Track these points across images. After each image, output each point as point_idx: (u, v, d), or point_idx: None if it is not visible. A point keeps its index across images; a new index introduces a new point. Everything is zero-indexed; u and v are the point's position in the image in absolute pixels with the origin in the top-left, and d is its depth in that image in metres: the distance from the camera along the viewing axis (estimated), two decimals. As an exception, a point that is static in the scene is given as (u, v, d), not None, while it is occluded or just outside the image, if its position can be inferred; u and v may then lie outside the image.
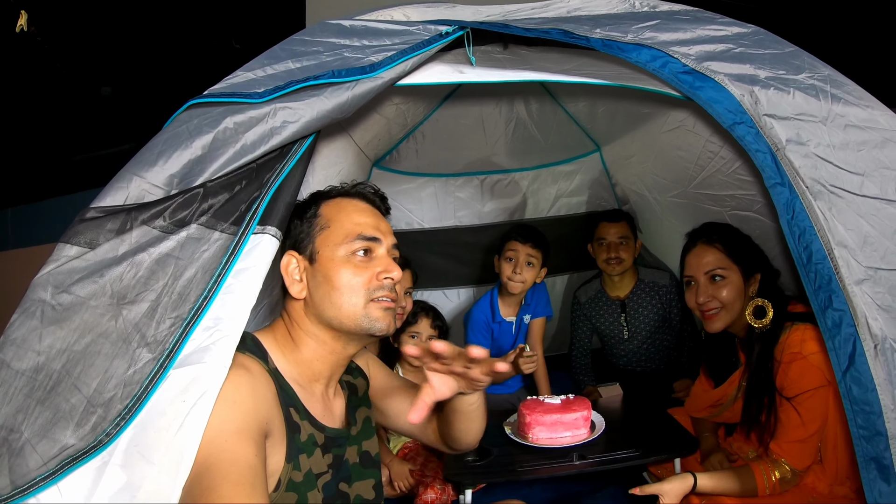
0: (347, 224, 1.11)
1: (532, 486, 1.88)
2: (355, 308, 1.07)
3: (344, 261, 1.08)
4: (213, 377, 0.88)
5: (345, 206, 1.15)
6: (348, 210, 1.14)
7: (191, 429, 0.84)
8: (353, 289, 1.07)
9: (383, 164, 2.69)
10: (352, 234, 1.10)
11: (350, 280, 1.07)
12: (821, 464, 1.44)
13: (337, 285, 1.07)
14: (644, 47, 1.15)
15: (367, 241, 1.10)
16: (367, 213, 1.15)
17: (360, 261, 1.09)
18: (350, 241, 1.09)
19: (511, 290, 2.33)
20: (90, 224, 0.93)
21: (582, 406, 1.74)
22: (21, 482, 0.81)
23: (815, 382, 1.35)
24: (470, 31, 1.25)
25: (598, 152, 2.87)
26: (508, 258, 2.32)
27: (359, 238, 1.09)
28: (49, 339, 0.87)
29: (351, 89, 1.10)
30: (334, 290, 1.07)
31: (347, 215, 1.13)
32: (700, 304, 1.58)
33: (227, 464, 0.84)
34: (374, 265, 1.10)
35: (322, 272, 1.08)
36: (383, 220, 1.18)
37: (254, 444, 0.88)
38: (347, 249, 1.09)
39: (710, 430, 1.81)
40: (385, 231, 1.15)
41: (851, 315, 0.99)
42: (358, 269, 1.08)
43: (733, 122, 1.09)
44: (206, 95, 1.07)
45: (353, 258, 1.09)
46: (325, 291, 1.08)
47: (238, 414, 0.90)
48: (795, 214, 1.03)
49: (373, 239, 1.11)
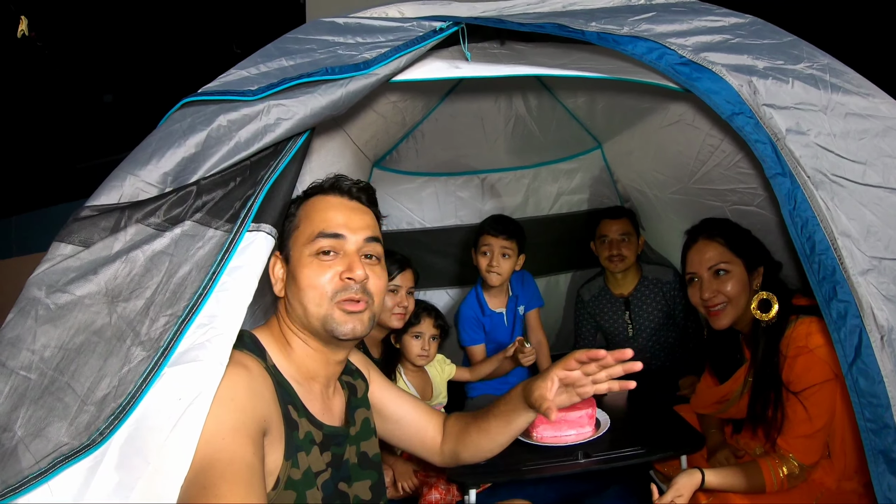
0: (314, 222, 1.09)
1: (537, 486, 1.87)
2: (318, 309, 1.06)
3: (308, 261, 1.07)
4: (209, 375, 0.87)
5: (317, 203, 1.13)
6: (318, 207, 1.12)
7: (187, 428, 0.83)
8: (315, 289, 1.06)
9: (383, 164, 2.69)
10: (315, 232, 1.08)
11: (311, 280, 1.06)
12: (828, 459, 1.42)
13: (301, 285, 1.06)
14: (640, 39, 1.14)
15: (330, 239, 1.08)
16: (338, 209, 1.12)
17: (325, 259, 1.07)
18: (313, 240, 1.07)
19: (490, 282, 2.34)
20: (84, 223, 0.93)
21: (586, 404, 1.71)
22: (13, 481, 0.80)
23: (821, 376, 1.33)
24: (465, 27, 1.24)
25: (599, 149, 2.86)
26: (483, 252, 2.33)
27: (320, 236, 1.07)
28: (43, 338, 0.87)
29: (345, 86, 1.09)
30: (300, 291, 1.06)
31: (317, 212, 1.11)
32: (705, 301, 1.56)
33: (224, 463, 0.83)
34: (336, 264, 1.07)
35: (292, 272, 1.09)
36: (358, 214, 1.13)
37: (251, 442, 0.88)
38: (311, 249, 1.07)
39: (716, 427, 1.79)
40: (356, 226, 1.11)
41: (857, 306, 0.97)
42: (320, 269, 1.06)
43: (732, 113, 1.07)
44: (200, 94, 1.07)
45: (317, 258, 1.07)
46: (293, 292, 1.08)
47: (235, 412, 0.89)
48: (797, 205, 1.01)
49: (335, 236, 1.08)
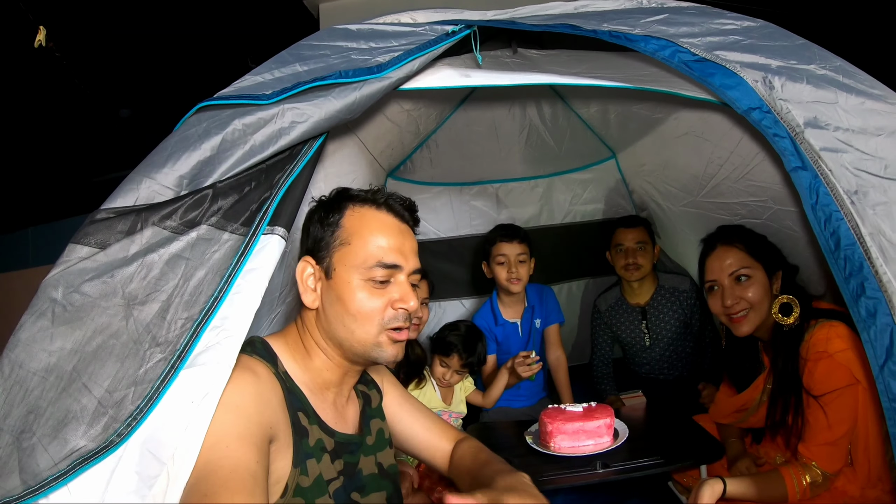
0: (370, 246, 1.04)
1: (555, 496, 1.82)
2: (367, 336, 1.04)
3: (361, 285, 1.04)
4: (216, 377, 0.87)
5: (369, 220, 1.07)
6: (372, 227, 1.06)
7: (194, 430, 0.83)
8: (367, 316, 1.03)
9: (397, 174, 2.71)
10: (371, 260, 1.04)
11: (364, 306, 1.03)
12: (851, 466, 1.37)
13: (351, 310, 1.03)
14: (652, 37, 1.13)
15: (388, 269, 1.05)
16: (392, 233, 1.07)
17: (378, 287, 1.04)
18: (369, 268, 1.03)
19: (512, 290, 2.34)
20: (101, 225, 0.93)
21: (605, 413, 1.69)
22: (32, 482, 0.80)
23: (842, 381, 1.29)
24: (477, 30, 1.25)
25: (613, 159, 2.85)
26: (500, 262, 2.32)
27: (378, 265, 1.04)
28: (60, 340, 0.87)
29: (358, 89, 1.10)
30: (347, 315, 1.03)
31: (371, 233, 1.05)
32: (727, 308, 1.53)
33: (226, 470, 0.82)
34: (390, 292, 1.05)
35: (336, 291, 1.04)
36: (409, 238, 1.11)
37: (256, 449, 0.87)
38: (365, 275, 1.04)
39: (736, 436, 1.74)
40: (408, 252, 1.08)
41: (887, 303, 0.92)
42: (373, 296, 1.04)
43: (749, 108, 1.06)
44: (216, 98, 1.08)
45: (370, 284, 1.04)
46: (337, 311, 1.04)
47: (240, 419, 0.88)
48: (819, 198, 0.98)
49: (394, 266, 1.05)
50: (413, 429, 1.28)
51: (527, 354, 2.14)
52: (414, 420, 1.29)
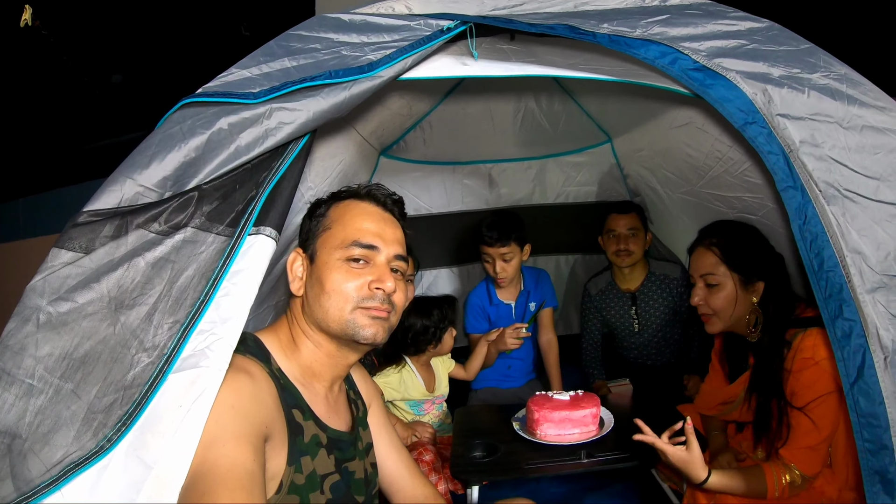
0: (349, 228, 1.09)
1: (539, 482, 1.88)
2: (341, 313, 1.05)
3: (338, 265, 1.06)
4: (210, 380, 0.88)
5: (352, 208, 1.12)
6: (354, 213, 1.11)
7: (187, 433, 0.84)
8: (341, 294, 1.05)
9: (391, 152, 2.68)
10: (349, 240, 1.07)
11: (339, 285, 1.05)
12: (830, 468, 1.41)
13: (327, 289, 1.05)
14: (652, 43, 1.10)
15: (364, 249, 1.08)
16: (373, 218, 1.12)
17: (355, 267, 1.07)
18: (346, 247, 1.07)
19: (500, 285, 2.41)
20: (84, 228, 0.92)
21: (591, 403, 1.72)
22: (25, 489, 0.82)
23: (827, 387, 1.31)
24: (473, 26, 1.21)
25: (609, 143, 2.82)
26: (486, 261, 2.36)
27: (355, 244, 1.07)
28: (47, 346, 0.87)
29: (348, 89, 1.08)
30: (323, 293, 1.06)
31: (351, 219, 1.10)
32: (694, 305, 1.57)
33: (224, 469, 0.84)
34: (367, 273, 1.07)
35: (316, 273, 1.08)
36: (391, 227, 1.14)
37: (252, 448, 0.88)
38: (343, 255, 1.07)
39: (719, 429, 1.78)
40: (389, 240, 1.11)
41: (862, 325, 0.95)
42: (349, 275, 1.06)
43: (745, 122, 1.05)
44: (200, 94, 1.05)
45: (347, 264, 1.07)
46: (315, 293, 1.07)
47: (236, 419, 0.89)
48: (808, 219, 0.99)
49: (370, 247, 1.08)
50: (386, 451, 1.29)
51: (519, 326, 2.19)
52: (391, 447, 1.30)
